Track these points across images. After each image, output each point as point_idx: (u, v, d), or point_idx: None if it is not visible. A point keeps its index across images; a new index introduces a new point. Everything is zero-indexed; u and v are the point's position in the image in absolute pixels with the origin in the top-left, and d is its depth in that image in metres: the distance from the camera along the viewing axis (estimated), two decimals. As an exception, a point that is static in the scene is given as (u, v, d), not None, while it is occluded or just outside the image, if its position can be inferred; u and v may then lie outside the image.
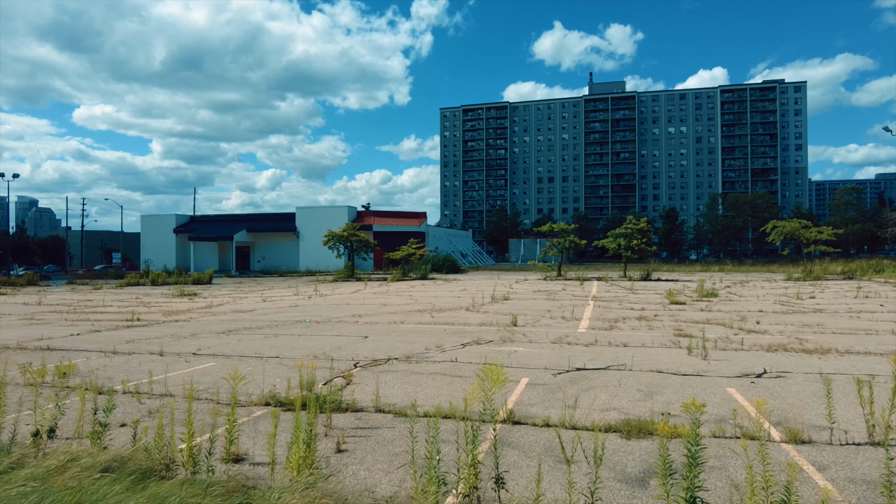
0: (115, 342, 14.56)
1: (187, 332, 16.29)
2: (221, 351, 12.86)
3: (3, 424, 5.70)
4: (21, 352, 13.30)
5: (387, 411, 7.61)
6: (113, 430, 6.58)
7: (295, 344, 13.83)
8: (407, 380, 9.62)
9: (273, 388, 8.97)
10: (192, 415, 5.32)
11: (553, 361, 11.34)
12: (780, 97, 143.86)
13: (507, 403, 8.08)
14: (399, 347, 13.10)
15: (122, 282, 50.61)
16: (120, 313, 23.56)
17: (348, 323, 18.32)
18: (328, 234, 50.71)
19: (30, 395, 8.63)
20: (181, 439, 5.53)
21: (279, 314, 21.83)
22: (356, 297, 29.63)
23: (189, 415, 5.27)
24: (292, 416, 7.46)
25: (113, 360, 11.82)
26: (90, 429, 5.74)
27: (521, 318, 18.91)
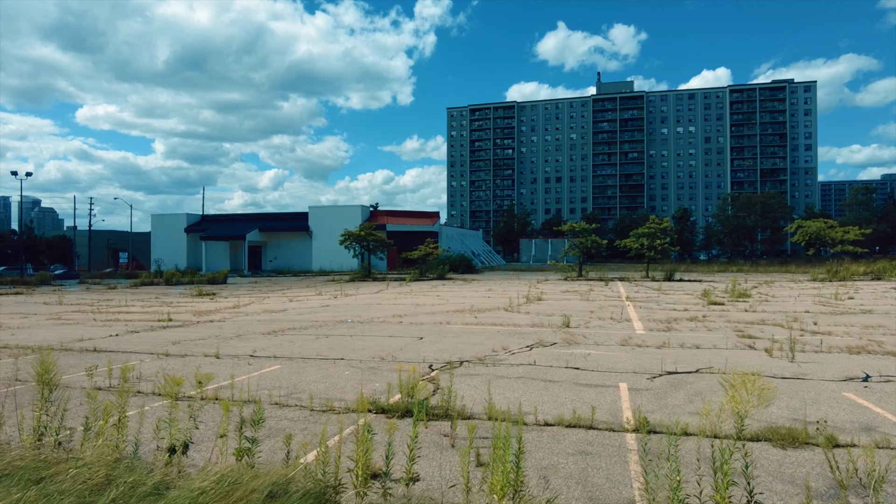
0: (160, 344, 14.01)
1: (230, 333, 15.73)
2: (279, 352, 12.30)
3: (123, 438, 5.14)
4: (68, 353, 12.75)
5: (501, 419, 7.02)
6: (209, 440, 6.01)
7: (351, 345, 13.26)
8: (497, 384, 9.04)
9: (371, 393, 8.40)
10: (325, 428, 4.75)
11: (636, 364, 10.77)
12: (789, 97, 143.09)
13: (622, 410, 7.52)
14: (463, 349, 12.53)
15: (136, 281, 50.14)
16: (146, 313, 23.03)
17: (392, 323, 17.75)
18: (345, 233, 50.12)
19: (109, 402, 8.08)
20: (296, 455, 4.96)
21: (314, 314, 21.28)
22: (385, 298, 29.07)
23: (326, 430, 4.69)
24: (400, 423, 6.90)
25: (169, 363, 11.26)
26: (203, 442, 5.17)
27: (564, 318, 18.34)
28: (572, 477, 5.31)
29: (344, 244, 50.66)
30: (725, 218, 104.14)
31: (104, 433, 4.73)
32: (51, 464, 4.30)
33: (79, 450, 4.76)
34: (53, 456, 4.45)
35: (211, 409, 7.71)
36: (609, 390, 8.75)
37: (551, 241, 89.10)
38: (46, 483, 3.86)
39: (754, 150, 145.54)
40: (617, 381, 9.30)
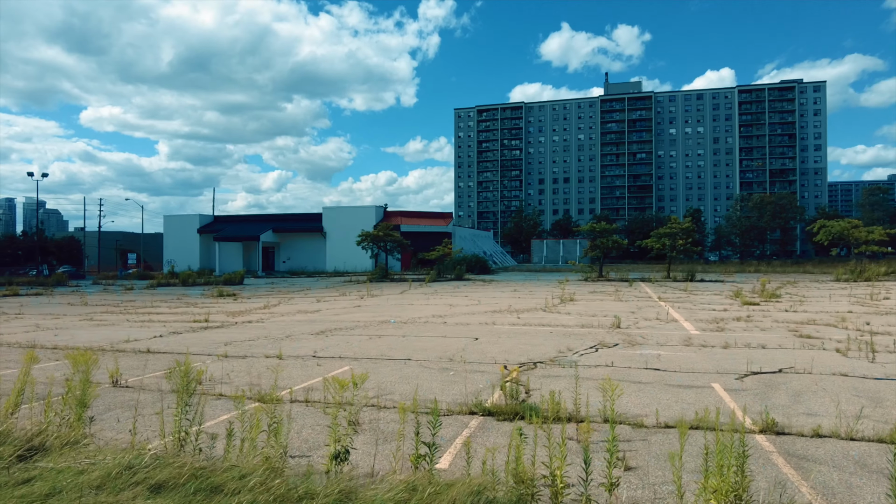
0: (210, 345, 13.79)
1: (278, 334, 15.50)
2: (340, 353, 12.05)
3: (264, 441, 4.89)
4: (123, 355, 12.54)
5: (619, 422, 6.77)
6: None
7: (409, 345, 13.01)
8: (586, 386, 8.77)
9: (462, 395, 8.15)
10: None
11: (714, 365, 10.50)
12: (798, 97, 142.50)
13: (734, 410, 7.26)
14: (527, 350, 12.27)
15: (152, 282, 49.91)
16: (176, 314, 22.84)
17: (435, 324, 17.49)
18: (362, 234, 49.87)
19: (216, 406, 7.86)
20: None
21: (349, 315, 21.05)
22: (413, 299, 28.83)
23: (447, 433, 4.44)
24: (510, 426, 6.65)
25: (232, 365, 11.02)
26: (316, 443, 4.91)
27: (608, 319, 18.08)
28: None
29: (361, 245, 50.42)
30: (737, 219, 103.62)
31: (253, 439, 4.49)
32: (213, 471, 4.06)
33: (225, 456, 4.51)
34: (208, 464, 4.20)
35: (305, 411, 7.46)
36: (705, 391, 8.49)
37: (563, 241, 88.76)
38: (227, 493, 3.62)
39: (763, 151, 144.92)
40: (707, 382, 9.04)
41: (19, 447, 4.56)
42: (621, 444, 6.04)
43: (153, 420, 7.14)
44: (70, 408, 5.08)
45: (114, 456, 4.20)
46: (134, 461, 3.97)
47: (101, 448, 4.57)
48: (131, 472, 3.87)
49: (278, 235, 71.65)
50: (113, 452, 4.47)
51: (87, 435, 4.98)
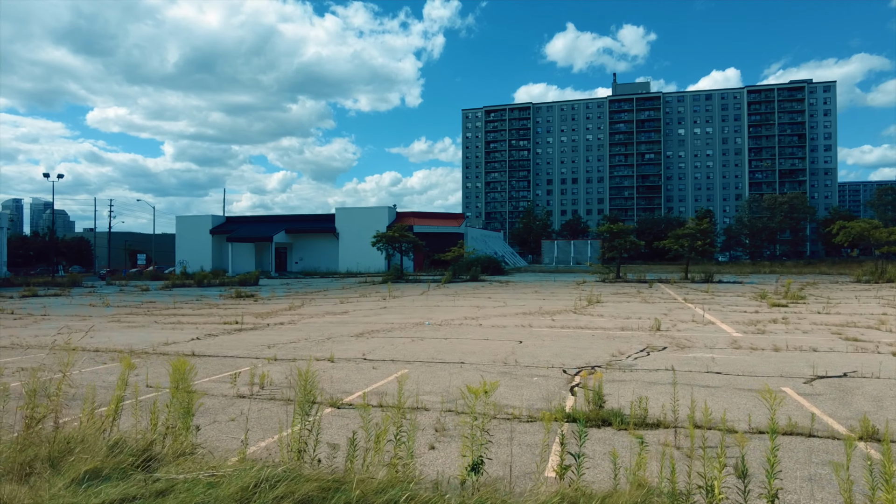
0: (253, 348, 13.69)
1: (318, 336, 15.39)
2: (389, 355, 11.93)
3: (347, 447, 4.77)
4: (168, 358, 12.44)
5: (709, 427, 6.62)
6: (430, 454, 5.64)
7: (456, 348, 12.88)
8: (655, 390, 8.63)
9: (529, 400, 8.01)
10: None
11: (774, 368, 10.35)
12: (808, 97, 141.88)
13: (821, 416, 7.10)
14: (578, 353, 12.13)
15: (167, 283, 49.89)
16: (202, 315, 22.79)
17: (470, 326, 17.36)
18: (377, 235, 49.77)
19: (387, 417, 7.75)
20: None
21: (379, 316, 20.94)
22: (436, 300, 28.72)
23: (541, 440, 4.29)
24: (598, 432, 6.52)
25: (287, 368, 10.91)
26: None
27: (643, 321, 17.93)
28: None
29: (377, 245, 50.32)
30: (749, 219, 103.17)
31: (380, 449, 4.36)
32: (343, 482, 3.94)
33: (348, 468, 4.39)
34: (341, 476, 4.08)
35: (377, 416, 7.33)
36: (779, 396, 8.33)
37: (574, 242, 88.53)
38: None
39: (772, 151, 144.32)
40: (777, 386, 8.88)
41: (136, 457, 4.45)
42: (716, 450, 5.89)
43: (231, 427, 7.03)
44: (176, 416, 4.97)
45: (241, 468, 4.08)
46: (269, 473, 3.85)
47: (218, 459, 4.46)
48: (269, 485, 3.76)
49: (291, 236, 71.64)
50: (235, 464, 4.36)
51: (196, 444, 4.87)
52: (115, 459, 4.34)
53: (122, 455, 4.38)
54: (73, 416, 7.24)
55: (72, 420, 6.26)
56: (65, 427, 5.57)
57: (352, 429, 6.60)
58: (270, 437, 6.42)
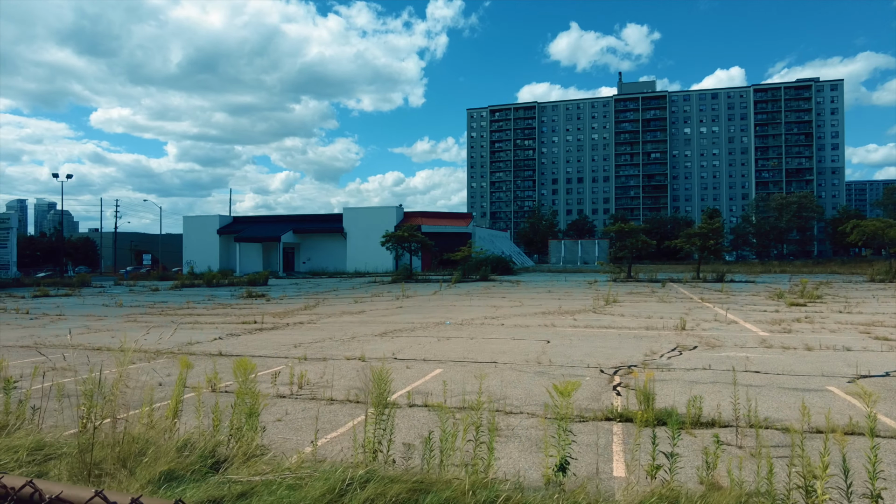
0: (279, 347, 13.62)
1: (341, 336, 15.31)
2: (419, 355, 11.83)
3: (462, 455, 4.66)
4: (195, 358, 12.38)
5: (764, 426, 6.50)
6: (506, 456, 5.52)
7: (483, 347, 12.77)
8: (699, 390, 8.51)
9: (596, 399, 7.89)
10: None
11: (811, 367, 10.22)
12: (815, 95, 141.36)
13: (876, 416, 6.98)
14: (608, 353, 12.01)
15: (176, 283, 49.87)
16: (217, 315, 22.77)
17: (492, 325, 17.24)
18: (387, 234, 49.70)
19: (338, 412, 7.67)
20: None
21: (397, 315, 20.86)
22: (450, 300, 28.63)
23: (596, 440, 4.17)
24: (646, 431, 6.40)
25: (320, 368, 10.83)
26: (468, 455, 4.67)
27: (665, 321, 17.82)
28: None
29: (386, 245, 50.24)
30: (757, 219, 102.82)
31: (457, 448, 4.26)
32: (428, 483, 3.85)
33: (426, 468, 4.29)
34: (423, 477, 3.98)
35: (433, 417, 7.24)
36: (826, 395, 8.23)
37: (581, 242, 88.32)
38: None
39: (779, 150, 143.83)
40: (821, 385, 8.77)
41: (206, 458, 4.36)
42: (780, 449, 5.78)
43: (279, 428, 6.94)
44: (242, 416, 4.88)
45: (324, 469, 3.99)
46: (353, 475, 3.75)
47: (293, 461, 4.36)
48: (358, 486, 3.66)
49: (298, 236, 71.64)
50: (311, 465, 4.26)
51: (263, 446, 4.78)
52: (186, 461, 4.26)
53: (193, 457, 4.29)
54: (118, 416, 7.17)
55: (121, 421, 6.17)
56: (121, 428, 5.49)
57: (402, 429, 6.50)
58: (323, 437, 6.32)
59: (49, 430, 5.36)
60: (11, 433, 4.89)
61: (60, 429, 5.70)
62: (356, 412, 7.37)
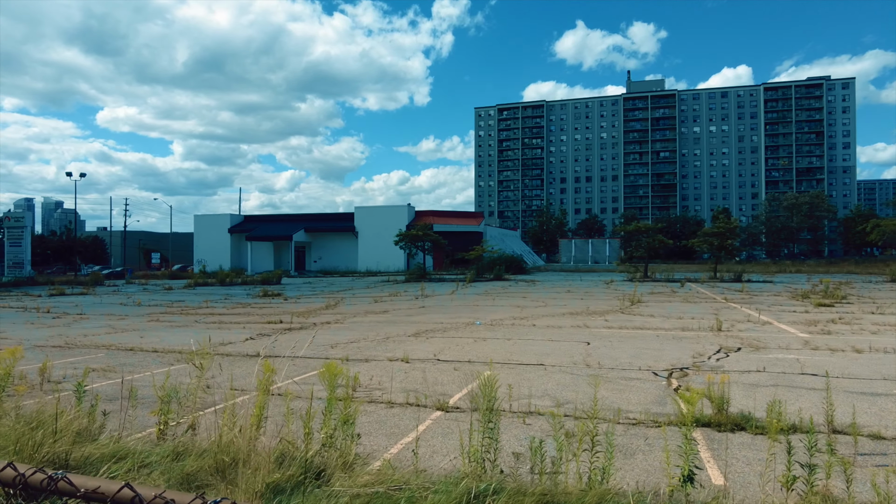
0: (313, 348, 13.44)
1: (374, 336, 15.12)
2: (462, 356, 11.63)
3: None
4: (232, 359, 12.22)
5: (852, 433, 6.27)
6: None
7: (524, 349, 12.57)
8: (766, 393, 8.28)
9: (644, 403, 7.69)
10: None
11: (872, 370, 10.00)
12: (826, 94, 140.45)
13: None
14: (654, 354, 11.79)
15: (189, 282, 49.81)
16: (239, 314, 22.63)
17: (523, 326, 17.02)
18: (401, 233, 49.54)
19: (402, 416, 7.47)
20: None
21: (424, 315, 20.67)
22: (473, 300, 28.43)
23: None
24: (735, 437, 6.19)
25: (364, 369, 10.64)
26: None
27: (696, 321, 17.57)
28: None
29: (399, 244, 50.09)
30: (768, 218, 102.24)
31: (578, 456, 4.06)
32: (554, 496, 3.64)
33: (539, 480, 4.09)
34: (547, 488, 3.78)
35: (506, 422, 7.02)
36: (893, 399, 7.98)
37: (592, 241, 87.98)
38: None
39: (789, 149, 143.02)
40: (889, 390, 8.53)
41: (305, 468, 4.17)
42: (877, 457, 5.56)
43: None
44: (331, 423, 4.69)
45: (434, 481, 3.79)
46: (476, 488, 3.55)
47: (402, 473, 4.16)
48: (484, 501, 3.46)
49: (309, 235, 71.56)
50: (407, 474, 4.06)
51: (359, 455, 4.59)
52: (287, 472, 4.07)
53: (294, 467, 4.10)
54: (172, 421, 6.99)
55: (182, 427, 5.99)
56: (198, 434, 5.30)
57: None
58: (396, 443, 6.13)
59: (127, 437, 5.18)
60: (94, 440, 4.71)
61: (131, 433, 5.53)
62: (421, 416, 7.17)
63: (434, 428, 6.81)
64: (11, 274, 50.66)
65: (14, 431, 4.94)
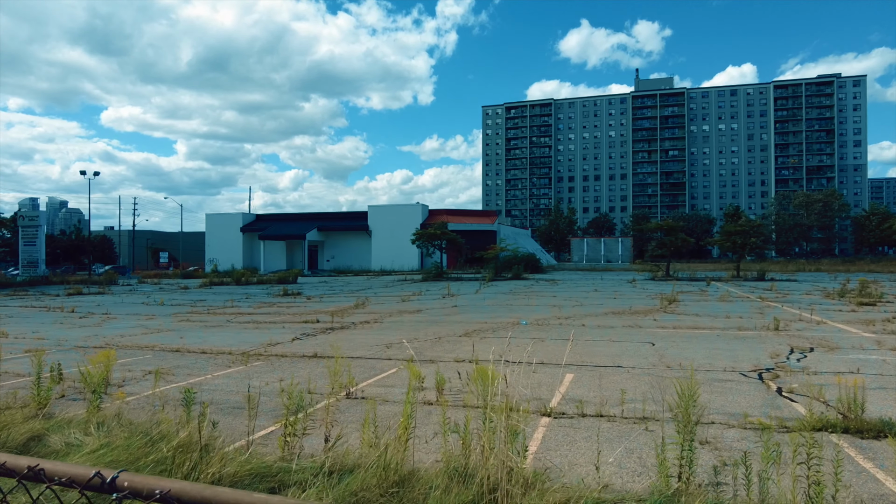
0: (369, 347, 13.01)
1: (426, 336, 14.69)
2: (536, 358, 11.16)
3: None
4: (290, 360, 11.79)
5: None
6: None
7: (591, 350, 12.11)
8: (876, 397, 7.81)
9: (774, 407, 7.22)
10: None
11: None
12: (837, 91, 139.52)
13: None
14: (729, 355, 11.32)
15: (204, 281, 49.46)
16: (269, 314, 22.24)
17: (571, 326, 16.56)
18: (417, 232, 49.10)
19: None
20: None
21: (461, 315, 20.22)
22: (505, 299, 27.98)
23: None
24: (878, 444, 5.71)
25: (435, 371, 10.19)
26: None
27: (745, 320, 17.10)
28: None
29: (416, 243, 49.67)
30: (781, 216, 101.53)
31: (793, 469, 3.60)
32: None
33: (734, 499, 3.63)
34: None
35: (614, 428, 6.57)
36: None
37: (604, 240, 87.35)
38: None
39: (800, 147, 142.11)
40: None
41: (484, 489, 3.72)
42: None
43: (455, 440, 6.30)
44: (490, 435, 4.24)
45: (633, 499, 3.34)
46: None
47: (581, 490, 3.71)
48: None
49: (322, 234, 71.19)
50: (596, 491, 3.61)
51: (539, 473, 4.15)
52: (468, 492, 3.62)
53: (473, 488, 3.65)
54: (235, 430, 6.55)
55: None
56: (342, 448, 4.85)
57: (612, 442, 5.84)
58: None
59: (253, 450, 4.73)
60: (227, 457, 4.26)
61: (251, 445, 5.08)
62: (529, 422, 6.71)
63: (552, 435, 6.37)
64: (26, 273, 50.39)
65: (131, 444, 4.50)
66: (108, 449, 4.37)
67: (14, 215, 67.02)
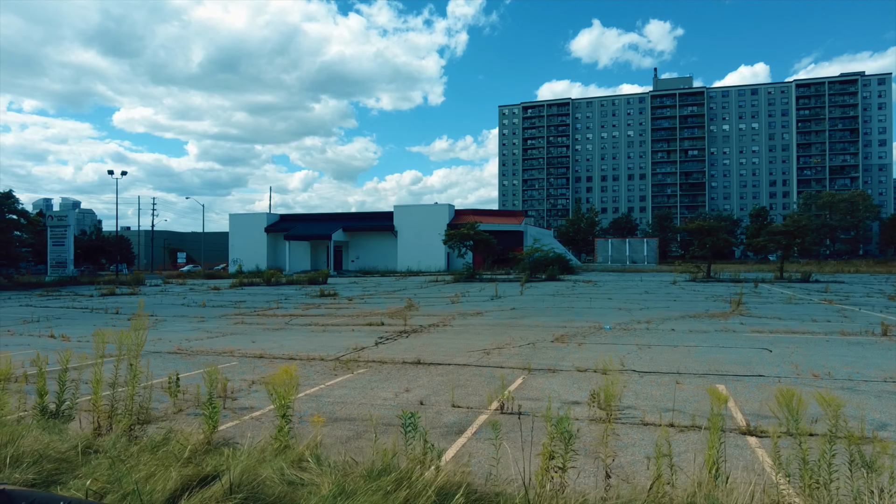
0: (467, 353, 12.26)
1: (517, 341, 13.93)
2: (661, 367, 10.38)
3: None
4: (387, 366, 11.07)
5: None
6: None
7: (706, 357, 11.29)
8: None
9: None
10: None
11: None
12: (861, 90, 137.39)
13: None
14: (869, 363, 10.48)
15: (235, 282, 48.94)
16: (324, 315, 21.60)
17: (660, 331, 15.68)
18: (448, 232, 48.35)
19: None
20: None
21: (529, 318, 19.45)
22: (560, 301, 27.20)
23: None
24: None
25: (559, 382, 9.43)
26: None
27: (842, 324, 16.21)
28: None
29: (447, 243, 48.94)
30: (806, 217, 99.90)
31: None
32: None
33: None
34: None
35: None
36: None
37: (629, 240, 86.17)
38: None
39: (822, 147, 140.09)
40: None
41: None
42: None
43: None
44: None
45: None
46: None
47: None
48: None
49: (347, 234, 70.63)
50: None
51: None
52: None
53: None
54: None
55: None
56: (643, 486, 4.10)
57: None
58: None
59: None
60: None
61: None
62: (690, 439, 5.93)
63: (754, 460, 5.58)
64: (55, 273, 50.15)
65: (373, 487, 3.76)
66: (346, 497, 3.60)
67: (38, 214, 66.95)
